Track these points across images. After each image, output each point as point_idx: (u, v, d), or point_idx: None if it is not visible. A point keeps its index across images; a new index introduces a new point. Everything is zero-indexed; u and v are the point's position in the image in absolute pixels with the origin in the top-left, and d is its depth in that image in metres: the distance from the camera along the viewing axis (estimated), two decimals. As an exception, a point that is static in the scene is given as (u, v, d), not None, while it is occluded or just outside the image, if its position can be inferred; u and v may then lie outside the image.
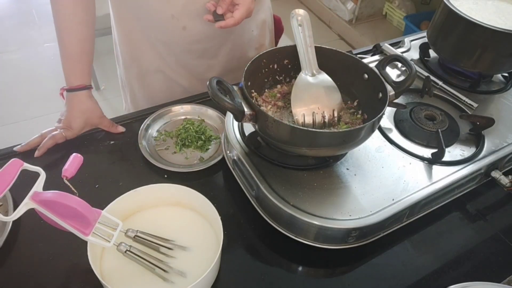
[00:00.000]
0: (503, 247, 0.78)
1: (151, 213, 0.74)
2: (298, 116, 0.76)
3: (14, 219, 0.58)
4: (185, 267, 0.66)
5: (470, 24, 0.93)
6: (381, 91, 0.75)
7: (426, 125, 0.86)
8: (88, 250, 0.61)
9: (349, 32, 3.14)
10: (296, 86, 0.78)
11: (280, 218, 0.71)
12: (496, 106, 0.97)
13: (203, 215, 0.73)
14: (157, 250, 0.67)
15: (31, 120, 2.36)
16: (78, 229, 0.59)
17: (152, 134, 0.92)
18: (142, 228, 0.68)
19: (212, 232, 0.71)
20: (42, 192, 0.60)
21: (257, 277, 0.71)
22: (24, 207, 0.58)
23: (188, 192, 0.71)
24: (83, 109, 0.89)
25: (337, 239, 0.70)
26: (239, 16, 0.85)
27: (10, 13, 3.25)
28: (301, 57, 0.79)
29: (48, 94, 2.45)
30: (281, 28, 1.24)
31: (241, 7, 0.85)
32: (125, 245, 0.64)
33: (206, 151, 0.90)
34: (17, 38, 2.97)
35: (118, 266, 0.66)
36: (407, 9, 3.01)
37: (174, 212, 0.74)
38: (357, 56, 0.82)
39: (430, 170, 0.78)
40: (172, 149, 0.90)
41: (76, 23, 0.87)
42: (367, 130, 0.71)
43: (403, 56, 0.86)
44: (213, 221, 0.70)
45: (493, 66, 1.00)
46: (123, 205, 0.70)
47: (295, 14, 0.78)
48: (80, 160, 0.69)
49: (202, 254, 0.68)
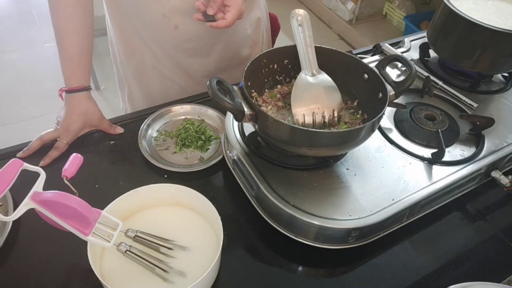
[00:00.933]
0: (503, 247, 0.78)
1: (151, 213, 0.74)
2: (298, 116, 0.76)
3: (14, 219, 0.58)
4: (185, 267, 0.66)
5: (470, 24, 0.93)
6: (381, 91, 0.75)
7: (426, 125, 0.86)
8: (88, 250, 0.61)
9: (349, 32, 3.14)
10: (296, 86, 0.78)
11: (280, 218, 0.71)
12: (496, 106, 0.97)
13: (203, 215, 0.73)
14: (157, 250, 0.67)
15: (31, 120, 2.36)
16: (78, 229, 0.59)
17: (152, 134, 0.92)
18: (142, 228, 0.68)
19: (212, 232, 0.71)
20: (42, 192, 0.60)
21: (257, 277, 0.71)
22: (24, 207, 0.58)
23: (188, 192, 0.71)
24: (82, 111, 0.88)
25: (337, 239, 0.70)
26: (231, 18, 0.84)
27: (10, 13, 3.26)
28: (301, 57, 0.79)
29: (48, 94, 2.44)
30: (278, 26, 1.24)
31: (233, 8, 0.84)
32: (125, 245, 0.64)
33: (206, 151, 0.90)
34: (17, 38, 2.97)
35: (118, 266, 0.66)
36: (407, 9, 3.01)
37: (174, 212, 0.74)
38: (357, 56, 0.82)
39: (430, 170, 0.78)
40: (172, 149, 0.90)
41: (75, 24, 0.87)
42: (367, 130, 0.71)
43: (403, 56, 0.86)
44: (213, 221, 0.70)
45: (493, 66, 1.00)
46: (123, 205, 0.70)
47: (295, 14, 0.78)
48: (80, 160, 0.68)
49: (202, 254, 0.68)
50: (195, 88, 1.09)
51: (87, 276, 0.63)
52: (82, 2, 0.87)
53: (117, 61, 1.14)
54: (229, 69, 1.12)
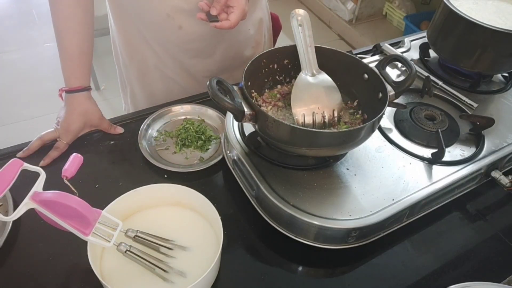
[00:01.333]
0: (503, 247, 0.78)
1: (151, 213, 0.74)
2: (298, 116, 0.76)
3: (14, 219, 0.58)
4: (185, 267, 0.66)
5: (470, 24, 0.93)
6: (381, 91, 0.75)
7: (426, 125, 0.86)
8: (88, 250, 0.61)
9: (349, 32, 3.14)
10: (296, 86, 0.78)
11: (280, 218, 0.71)
12: (496, 106, 0.97)
13: (203, 215, 0.73)
14: (157, 250, 0.67)
15: (31, 120, 2.36)
16: (78, 229, 0.59)
17: (152, 134, 0.92)
18: (142, 228, 0.68)
19: (212, 232, 0.71)
20: (42, 192, 0.60)
21: (257, 277, 0.71)
22: (24, 207, 0.58)
23: (188, 192, 0.71)
24: (82, 111, 0.88)
25: (337, 239, 0.70)
26: (235, 19, 0.84)
27: (10, 13, 3.26)
28: (301, 57, 0.79)
29: (48, 94, 2.44)
30: (279, 26, 1.24)
31: (236, 9, 0.84)
32: (125, 245, 0.64)
33: (206, 151, 0.90)
34: (17, 38, 2.97)
35: (118, 266, 0.66)
36: (407, 9, 3.01)
37: (174, 212, 0.74)
38: (357, 56, 0.82)
39: (430, 170, 0.78)
40: (172, 149, 0.90)
41: (76, 23, 0.87)
42: (367, 130, 0.71)
43: (403, 56, 0.86)
44: (213, 221, 0.70)
45: (493, 66, 1.00)
46: (123, 205, 0.70)
47: (295, 14, 0.78)
48: (80, 160, 0.68)
49: (202, 254, 0.68)
50: (197, 88, 1.09)
51: (87, 276, 0.63)
52: (82, 2, 0.87)
53: (120, 62, 1.14)
54: (231, 70, 1.12)
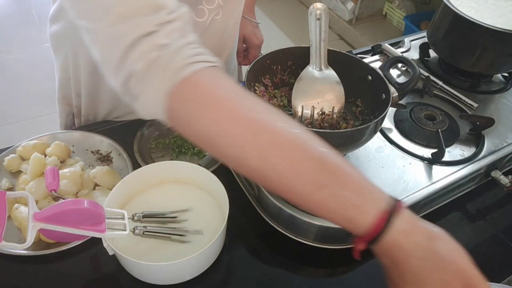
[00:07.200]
0: (503, 247, 0.78)
1: (147, 195, 0.75)
2: (297, 109, 0.76)
3: (28, 246, 0.55)
4: (198, 225, 0.70)
5: (470, 24, 0.93)
6: (384, 92, 0.75)
7: (426, 125, 0.86)
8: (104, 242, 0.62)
9: (349, 32, 3.14)
10: (300, 79, 0.78)
11: (280, 218, 0.71)
12: (496, 106, 0.97)
13: (198, 185, 0.77)
14: (165, 223, 0.70)
15: (31, 120, 2.36)
16: (93, 230, 0.58)
17: (148, 142, 0.89)
18: (143, 209, 0.70)
19: (214, 196, 0.75)
20: (42, 210, 0.57)
21: (257, 277, 0.71)
22: (33, 230, 0.55)
23: (175, 165, 0.76)
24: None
25: (337, 239, 0.70)
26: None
27: (10, 13, 3.25)
28: (312, 50, 0.78)
29: (48, 94, 2.44)
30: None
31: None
32: (140, 227, 0.65)
33: (203, 157, 0.87)
34: (17, 38, 2.97)
35: (131, 246, 0.67)
36: (407, 9, 3.01)
37: (171, 189, 0.77)
38: (357, 56, 0.82)
39: (430, 170, 0.78)
40: (169, 157, 0.87)
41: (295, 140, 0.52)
42: (370, 131, 0.71)
43: (407, 58, 0.85)
44: (213, 188, 0.73)
45: (493, 66, 1.00)
46: (118, 196, 0.71)
47: (314, 8, 0.77)
48: (57, 171, 0.69)
49: (208, 213, 0.73)
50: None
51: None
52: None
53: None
54: None
